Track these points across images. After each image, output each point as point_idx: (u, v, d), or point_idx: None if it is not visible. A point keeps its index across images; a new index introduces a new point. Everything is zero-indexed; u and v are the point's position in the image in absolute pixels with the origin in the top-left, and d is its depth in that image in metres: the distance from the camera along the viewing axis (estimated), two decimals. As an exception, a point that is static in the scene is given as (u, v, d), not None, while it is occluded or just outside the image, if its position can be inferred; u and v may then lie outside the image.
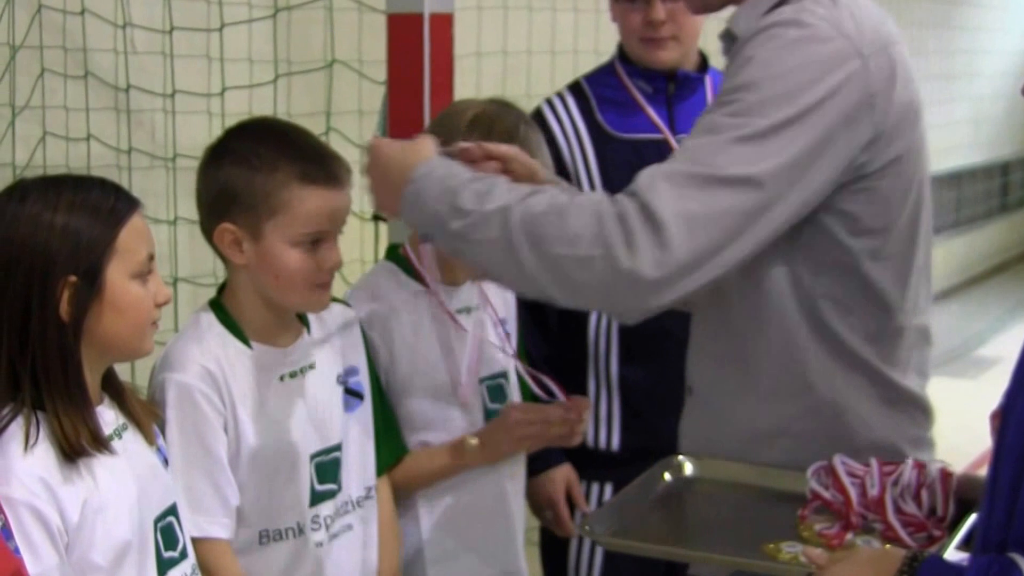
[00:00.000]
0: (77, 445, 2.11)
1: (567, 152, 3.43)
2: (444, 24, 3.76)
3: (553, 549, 3.55)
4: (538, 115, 3.46)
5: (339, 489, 2.72)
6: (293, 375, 2.66)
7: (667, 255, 2.19)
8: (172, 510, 2.33)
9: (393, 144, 2.51)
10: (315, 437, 2.67)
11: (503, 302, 3.10)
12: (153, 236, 2.27)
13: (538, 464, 3.24)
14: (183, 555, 2.33)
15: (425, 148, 2.46)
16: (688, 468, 2.50)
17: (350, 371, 2.78)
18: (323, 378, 2.72)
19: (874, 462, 2.31)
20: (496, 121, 2.91)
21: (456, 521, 2.96)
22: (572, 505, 3.33)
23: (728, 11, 2.56)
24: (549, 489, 3.30)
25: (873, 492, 2.26)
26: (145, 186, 4.42)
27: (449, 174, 2.38)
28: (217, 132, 4.54)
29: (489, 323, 3.04)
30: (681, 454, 2.52)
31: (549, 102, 3.54)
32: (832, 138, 2.29)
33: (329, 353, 2.76)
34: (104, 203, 2.19)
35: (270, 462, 2.61)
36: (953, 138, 12.42)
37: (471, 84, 4.65)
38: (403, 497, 2.93)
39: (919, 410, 2.55)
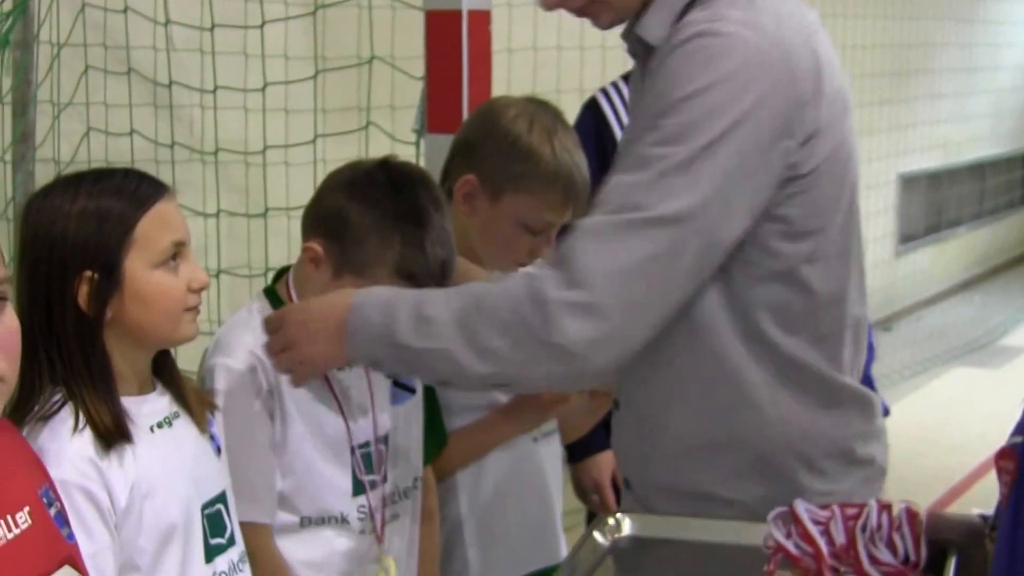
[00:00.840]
0: (106, 432, 2.14)
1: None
2: (482, 20, 3.82)
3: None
4: (593, 104, 3.50)
5: (384, 480, 2.75)
6: (341, 368, 2.67)
7: (598, 321, 2.12)
8: (221, 497, 2.34)
9: (298, 306, 2.47)
10: (361, 428, 2.70)
11: None
12: (184, 222, 2.26)
13: (584, 449, 3.30)
14: (231, 542, 2.32)
15: (340, 296, 2.37)
16: (626, 527, 2.32)
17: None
18: (372, 372, 2.74)
19: (836, 508, 2.10)
20: (535, 119, 2.97)
21: (495, 500, 3.01)
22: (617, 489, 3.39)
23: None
24: (595, 473, 3.36)
25: (840, 540, 2.07)
26: (185, 179, 4.50)
27: (380, 298, 2.31)
28: (254, 127, 4.70)
29: None
30: (619, 512, 2.37)
31: (604, 91, 3.58)
32: (765, 149, 2.17)
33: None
34: (123, 192, 2.19)
35: (314, 451, 2.64)
36: (975, 130, 12.46)
37: (502, 79, 4.68)
38: (443, 477, 2.98)
39: (863, 405, 2.42)
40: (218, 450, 2.39)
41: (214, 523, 2.30)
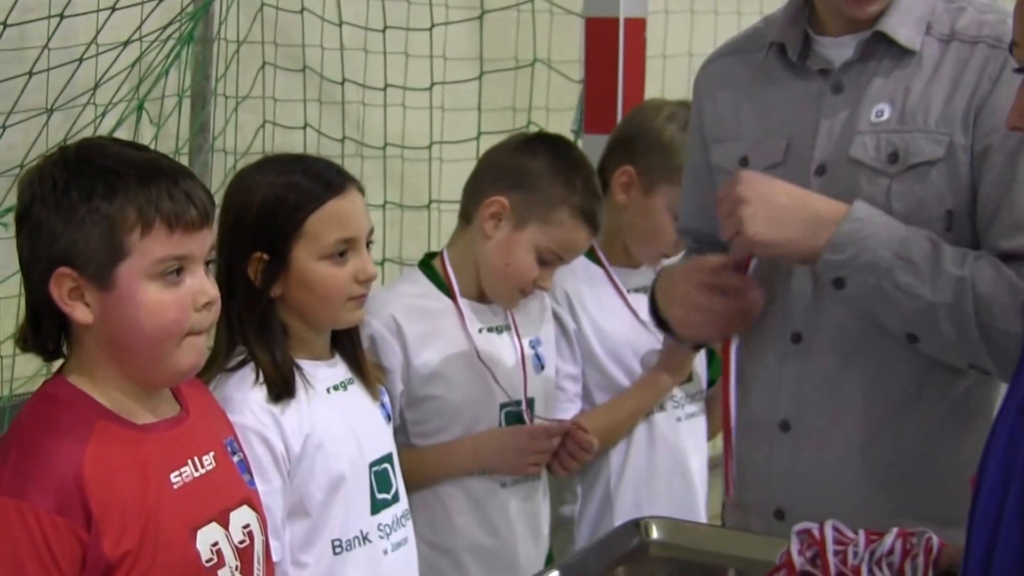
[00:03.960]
0: (274, 387, 2.33)
1: None
2: (637, 28, 4.01)
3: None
4: None
5: None
6: (491, 330, 2.89)
7: None
8: (388, 458, 2.51)
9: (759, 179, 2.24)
10: (508, 387, 2.88)
11: None
12: (361, 218, 2.39)
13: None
14: (395, 499, 2.51)
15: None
16: (654, 532, 2.39)
17: (535, 342, 2.99)
18: (518, 338, 2.93)
19: (862, 532, 2.04)
20: (687, 120, 3.11)
21: (641, 478, 3.17)
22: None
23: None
24: None
25: (853, 562, 2.01)
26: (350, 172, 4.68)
27: (890, 221, 2.15)
28: (414, 124, 4.86)
29: None
30: (646, 517, 2.45)
31: None
32: None
33: (526, 318, 2.98)
34: (299, 187, 2.35)
35: (458, 401, 2.84)
36: None
37: (657, 85, 4.81)
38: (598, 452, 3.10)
39: None
40: (388, 417, 2.57)
41: (381, 480, 2.49)
